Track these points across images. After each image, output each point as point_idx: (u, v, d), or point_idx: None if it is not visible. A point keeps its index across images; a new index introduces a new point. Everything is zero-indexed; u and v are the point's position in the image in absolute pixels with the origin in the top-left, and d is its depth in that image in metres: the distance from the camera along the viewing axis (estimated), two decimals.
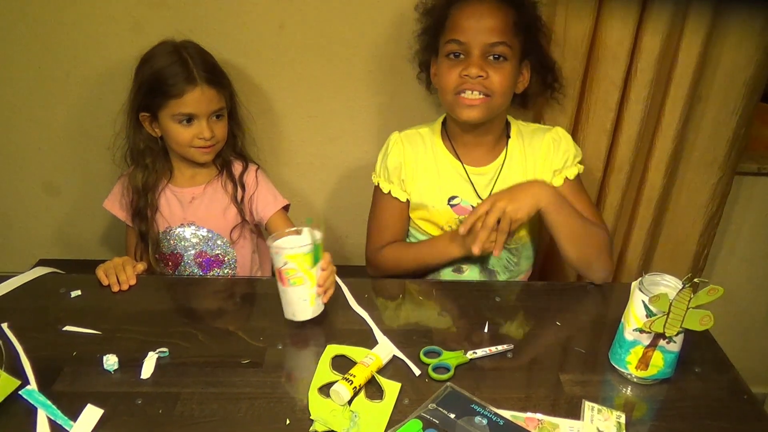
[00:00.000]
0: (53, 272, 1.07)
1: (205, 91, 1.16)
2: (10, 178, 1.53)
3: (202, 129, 1.18)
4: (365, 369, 0.84)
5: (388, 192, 1.21)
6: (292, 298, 0.94)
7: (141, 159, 1.23)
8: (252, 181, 1.30)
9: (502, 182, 1.18)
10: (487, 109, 1.10)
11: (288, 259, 0.91)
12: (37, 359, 0.86)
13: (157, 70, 1.16)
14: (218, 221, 1.28)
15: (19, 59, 1.38)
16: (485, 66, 1.07)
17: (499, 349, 0.92)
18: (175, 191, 1.27)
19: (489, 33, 1.07)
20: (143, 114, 1.20)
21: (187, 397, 0.82)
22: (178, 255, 1.28)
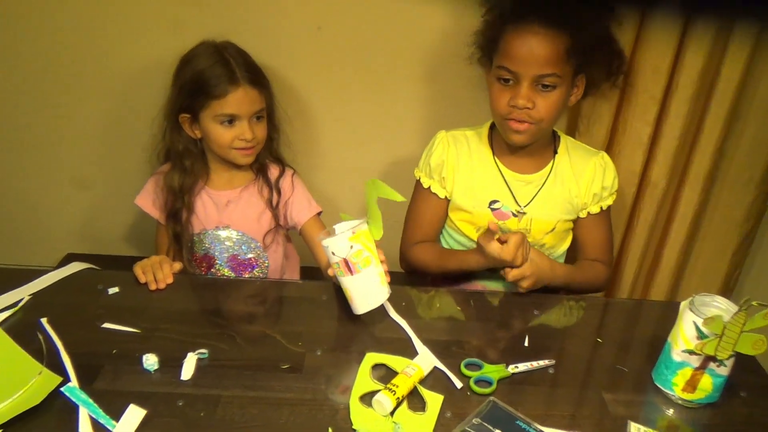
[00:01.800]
0: (90, 268, 1.07)
1: (248, 91, 1.16)
2: (41, 172, 1.53)
3: (244, 130, 1.17)
4: (408, 379, 0.83)
5: (428, 187, 1.22)
6: (364, 283, 0.93)
7: (179, 160, 1.22)
8: (288, 185, 1.29)
9: (545, 194, 1.18)
10: (533, 134, 1.11)
11: (352, 241, 0.91)
12: (77, 356, 0.86)
13: (199, 71, 1.15)
14: (252, 225, 1.27)
15: (57, 54, 1.38)
16: (533, 96, 1.07)
17: (540, 364, 0.91)
18: (212, 194, 1.26)
19: (539, 65, 1.04)
20: (183, 115, 1.19)
21: (227, 400, 0.81)
22: (212, 257, 1.27)
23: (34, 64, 1.39)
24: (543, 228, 1.19)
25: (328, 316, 1.00)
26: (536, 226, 1.19)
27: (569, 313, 1.07)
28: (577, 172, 1.19)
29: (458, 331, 0.98)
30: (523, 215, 1.18)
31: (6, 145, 1.49)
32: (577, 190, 1.19)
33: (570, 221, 1.22)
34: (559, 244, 1.24)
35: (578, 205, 1.20)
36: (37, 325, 0.91)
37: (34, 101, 1.44)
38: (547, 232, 1.20)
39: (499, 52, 1.09)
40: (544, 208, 1.18)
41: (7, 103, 1.43)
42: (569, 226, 1.24)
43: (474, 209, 1.19)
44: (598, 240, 1.24)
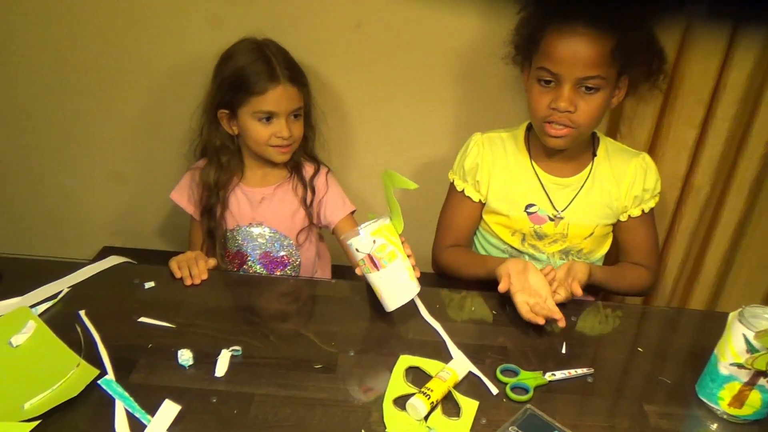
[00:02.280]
0: (127, 262, 1.08)
1: (287, 89, 1.15)
2: (80, 166, 1.56)
3: (281, 128, 1.17)
4: (442, 384, 0.81)
5: (462, 190, 1.20)
6: (392, 278, 0.92)
7: (216, 156, 1.23)
8: (322, 184, 1.28)
9: (583, 199, 1.15)
10: (572, 139, 1.08)
11: (375, 235, 0.90)
12: (113, 349, 0.87)
13: (239, 68, 1.15)
14: (286, 223, 1.27)
15: (97, 52, 1.40)
16: (575, 98, 1.03)
17: (578, 373, 0.88)
18: (246, 190, 1.26)
19: (583, 67, 1.01)
20: (222, 111, 1.19)
21: (261, 399, 0.81)
22: (244, 254, 1.27)
23: (75, 61, 1.41)
24: (581, 233, 1.17)
25: (360, 316, 0.99)
26: (573, 231, 1.16)
27: (607, 321, 1.04)
28: (617, 175, 1.16)
29: (493, 335, 0.96)
30: (560, 220, 1.16)
31: (47, 141, 1.52)
32: (617, 193, 1.16)
33: (609, 225, 1.19)
34: (597, 249, 1.20)
35: (618, 209, 1.17)
36: (76, 318, 0.92)
37: (75, 98, 1.46)
38: (585, 237, 1.17)
39: (539, 53, 1.05)
40: (582, 213, 1.15)
41: (50, 99, 1.46)
42: (608, 231, 1.20)
43: (510, 213, 1.17)
44: (641, 244, 1.21)
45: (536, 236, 1.17)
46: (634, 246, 1.21)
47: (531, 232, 1.17)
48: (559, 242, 1.17)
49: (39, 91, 1.45)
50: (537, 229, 1.16)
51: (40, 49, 1.40)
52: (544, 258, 1.20)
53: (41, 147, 1.53)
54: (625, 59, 1.05)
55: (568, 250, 1.18)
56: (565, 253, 1.19)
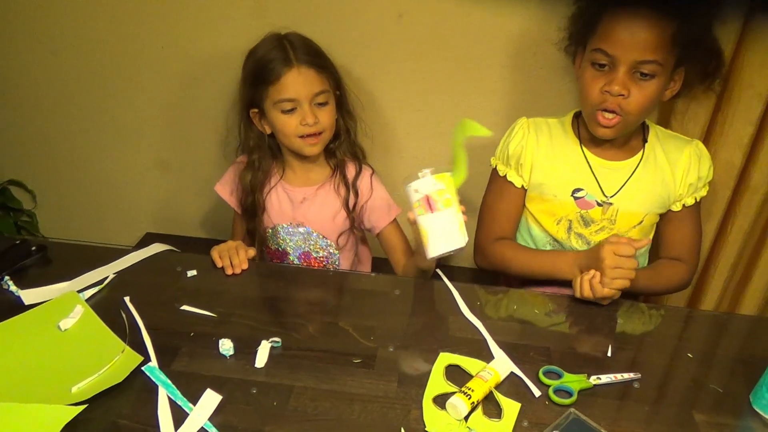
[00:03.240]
0: (170, 250, 1.09)
1: (302, 71, 1.11)
2: (125, 154, 1.59)
3: (305, 114, 1.12)
4: (484, 384, 0.80)
5: (504, 176, 1.17)
6: (444, 222, 0.91)
7: (250, 156, 1.21)
8: (366, 187, 1.25)
9: (635, 183, 1.12)
10: (622, 128, 1.05)
11: (437, 179, 0.91)
12: (156, 336, 0.88)
13: (257, 59, 1.14)
14: (327, 224, 1.25)
15: (143, 40, 1.42)
16: (629, 83, 1.00)
17: (624, 377, 0.85)
18: (288, 189, 1.24)
19: (641, 50, 0.97)
20: (253, 110, 1.17)
21: (300, 391, 0.81)
22: (283, 253, 1.26)
23: (120, 50, 1.43)
24: (630, 221, 1.13)
25: (400, 311, 0.98)
26: (622, 219, 1.12)
27: (655, 324, 1.01)
28: (672, 161, 1.12)
29: (536, 335, 0.94)
30: (609, 206, 1.12)
31: (94, 129, 1.55)
32: (672, 180, 1.12)
33: (658, 215, 1.15)
34: (644, 239, 1.16)
35: (672, 197, 1.13)
36: (121, 303, 0.94)
37: (120, 86, 1.49)
38: (634, 226, 1.13)
39: (596, 35, 1.02)
40: (634, 199, 1.11)
41: (97, 87, 1.49)
42: (656, 221, 1.16)
43: (555, 197, 1.13)
44: (685, 237, 1.16)
45: (582, 222, 1.13)
46: (677, 239, 1.16)
47: (577, 217, 1.13)
48: (606, 230, 1.13)
49: (86, 79, 1.48)
50: (584, 215, 1.13)
51: (87, 38, 1.43)
52: None
53: (88, 134, 1.56)
54: (684, 48, 1.01)
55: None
56: None
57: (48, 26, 1.42)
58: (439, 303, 0.99)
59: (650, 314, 1.02)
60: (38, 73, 1.49)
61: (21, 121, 1.55)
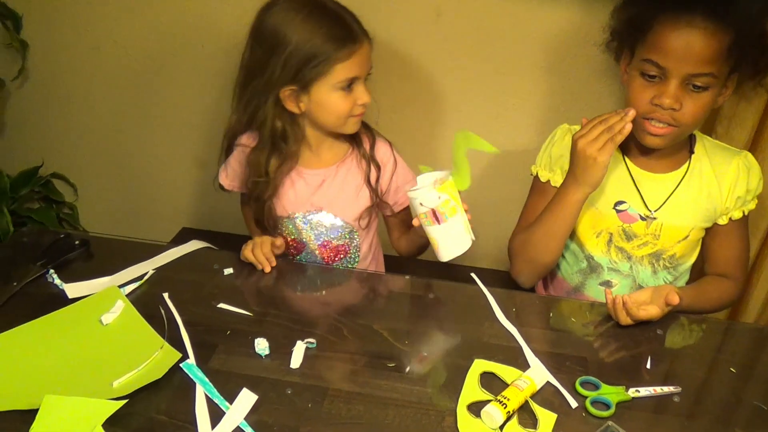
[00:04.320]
0: (207, 247, 1.11)
1: (366, 46, 1.02)
2: (164, 150, 1.62)
3: (362, 92, 1.04)
4: (519, 393, 0.79)
5: (547, 181, 1.13)
6: (451, 231, 0.95)
7: (270, 141, 1.08)
8: (387, 157, 1.16)
9: (680, 197, 1.08)
10: (672, 138, 1.01)
11: (441, 191, 0.93)
12: (194, 333, 0.89)
13: (309, 36, 0.98)
14: (349, 205, 1.16)
15: (184, 37, 1.44)
16: (681, 96, 0.95)
17: (664, 391, 0.83)
18: (304, 173, 1.14)
19: (695, 63, 0.93)
20: (288, 88, 1.03)
21: (334, 393, 0.81)
22: (301, 243, 1.19)
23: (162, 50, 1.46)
24: (675, 235, 1.09)
25: (434, 315, 0.98)
26: (667, 233, 1.09)
27: (696, 336, 0.98)
28: (719, 174, 1.08)
29: (573, 344, 0.92)
30: (652, 220, 1.08)
31: (134, 124, 1.58)
32: (718, 194, 1.08)
33: (704, 229, 1.11)
34: (688, 255, 1.13)
35: (719, 210, 1.09)
36: (159, 299, 0.96)
37: (161, 83, 1.51)
38: (679, 240, 1.09)
39: (646, 44, 0.97)
40: (679, 213, 1.08)
41: (138, 84, 1.52)
42: (702, 235, 1.12)
43: (596, 209, 1.10)
44: (732, 252, 1.12)
45: (624, 236, 1.10)
46: (724, 254, 1.12)
47: (619, 231, 1.10)
48: (650, 245, 1.10)
49: (128, 75, 1.51)
50: (626, 228, 1.10)
51: (129, 35, 1.46)
52: (626, 269, 1.13)
53: (128, 130, 1.60)
54: (740, 57, 0.96)
55: (659, 254, 1.10)
56: (655, 258, 1.11)
57: (91, 22, 1.46)
58: (475, 308, 0.98)
59: (690, 326, 0.99)
60: (81, 69, 1.52)
61: (65, 117, 1.59)
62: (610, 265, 1.13)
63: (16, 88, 1.55)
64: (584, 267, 1.15)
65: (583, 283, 1.17)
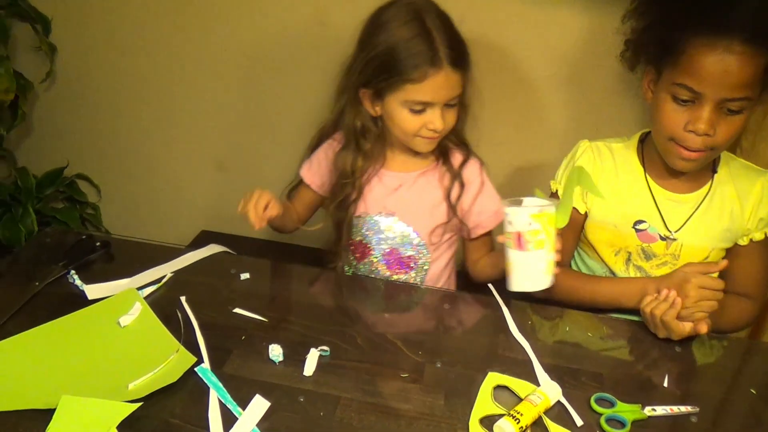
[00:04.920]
0: (225, 251, 1.12)
1: (450, 76, 0.97)
2: (185, 153, 1.64)
3: (435, 119, 1.00)
4: (533, 408, 0.78)
5: None
6: (529, 264, 0.89)
7: (355, 140, 1.07)
8: (475, 177, 1.12)
9: (701, 218, 1.07)
10: (703, 161, 0.99)
11: (534, 218, 0.87)
12: (209, 337, 0.90)
13: (392, 45, 0.96)
14: (423, 218, 1.12)
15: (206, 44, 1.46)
16: (715, 121, 0.93)
17: (681, 410, 0.82)
18: (382, 174, 1.11)
19: (732, 88, 0.90)
20: (365, 90, 1.03)
21: (346, 403, 0.81)
22: (367, 247, 1.14)
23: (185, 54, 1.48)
24: (695, 256, 1.08)
25: (449, 326, 0.98)
26: (687, 254, 1.07)
27: (715, 355, 0.96)
28: (741, 195, 1.06)
29: (589, 359, 0.91)
30: (672, 241, 1.07)
31: (157, 128, 1.61)
32: (740, 215, 1.06)
33: (725, 250, 1.09)
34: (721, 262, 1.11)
35: (740, 231, 1.07)
36: (177, 303, 0.97)
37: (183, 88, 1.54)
38: (699, 261, 1.08)
39: (679, 67, 0.93)
40: (699, 234, 1.06)
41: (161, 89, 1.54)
42: (722, 255, 1.11)
43: (615, 227, 1.09)
44: (753, 273, 1.10)
45: (643, 255, 1.09)
46: (744, 275, 1.10)
47: (638, 250, 1.09)
48: (669, 264, 1.09)
49: (151, 80, 1.54)
50: (645, 248, 1.09)
51: (154, 41, 1.49)
52: None
53: (152, 133, 1.62)
54: None
55: None
56: None
57: (117, 27, 1.49)
58: (490, 320, 0.98)
59: (710, 344, 0.98)
60: (107, 72, 1.55)
61: (90, 119, 1.63)
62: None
63: (44, 91, 1.58)
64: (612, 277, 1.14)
65: None
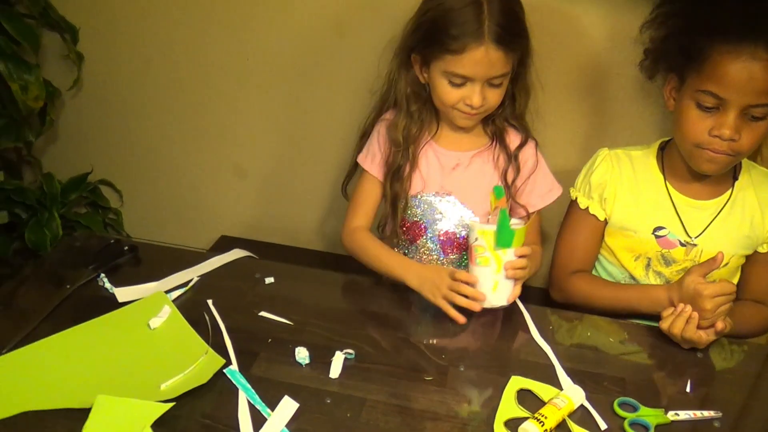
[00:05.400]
0: (249, 256, 1.14)
1: (491, 52, 0.96)
2: (206, 159, 1.66)
3: (473, 94, 0.99)
4: (557, 411, 0.79)
5: (586, 208, 1.13)
6: (478, 278, 0.96)
7: (405, 105, 1.07)
8: (530, 157, 1.12)
9: (721, 224, 1.08)
10: (729, 165, 1.01)
11: (479, 234, 0.93)
12: (237, 340, 0.92)
13: (442, 12, 0.97)
14: (481, 198, 1.08)
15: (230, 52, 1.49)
16: (740, 126, 0.94)
17: (704, 415, 0.83)
18: (439, 151, 1.11)
19: (757, 94, 0.92)
20: (415, 55, 1.04)
21: (372, 404, 0.82)
22: (422, 226, 1.12)
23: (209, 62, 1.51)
24: None
25: (472, 330, 0.99)
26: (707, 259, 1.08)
27: (736, 360, 0.97)
28: (762, 201, 1.07)
29: (611, 364, 0.92)
30: (692, 247, 1.08)
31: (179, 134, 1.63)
32: (761, 221, 1.07)
33: (744, 257, 1.10)
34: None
35: (760, 238, 1.08)
36: (203, 306, 0.99)
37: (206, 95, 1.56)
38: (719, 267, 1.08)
39: (703, 74, 0.95)
40: (719, 240, 1.07)
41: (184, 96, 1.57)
42: (742, 262, 1.11)
43: (635, 234, 1.10)
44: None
45: (663, 261, 1.10)
46: (763, 282, 1.11)
47: (657, 256, 1.10)
48: None
49: (175, 87, 1.56)
50: (665, 254, 1.09)
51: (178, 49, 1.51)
52: None
53: (174, 140, 1.65)
54: None
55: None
56: None
57: (143, 36, 1.51)
58: (513, 324, 0.99)
59: (732, 350, 0.98)
60: (132, 80, 1.58)
61: (114, 126, 1.66)
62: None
63: (71, 98, 1.62)
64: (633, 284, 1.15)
65: None
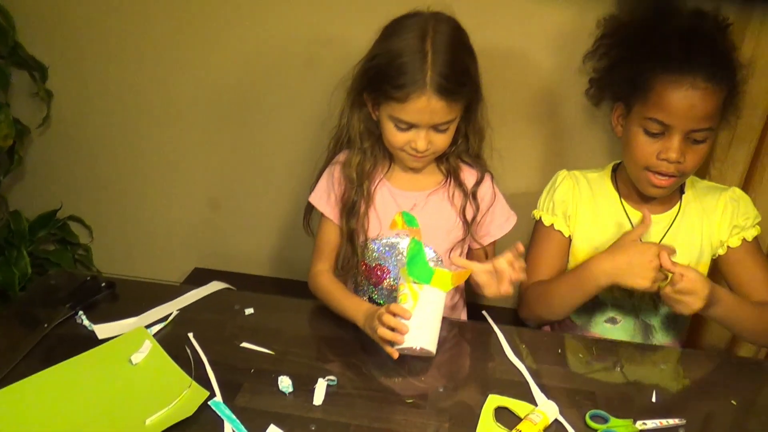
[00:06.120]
0: (227, 288, 1.15)
1: (433, 102, 0.97)
2: (177, 192, 1.67)
3: (418, 139, 1.01)
4: (533, 426, 0.83)
5: (551, 225, 1.18)
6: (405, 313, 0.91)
7: (359, 141, 1.09)
8: (488, 193, 1.14)
9: (674, 235, 1.15)
10: (674, 186, 1.09)
11: (401, 272, 0.93)
12: (219, 371, 0.93)
13: (389, 59, 0.98)
14: (440, 236, 1.11)
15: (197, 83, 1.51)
16: (684, 149, 1.03)
17: (670, 423, 0.87)
18: (395, 192, 1.12)
19: (698, 120, 1.00)
20: (367, 95, 1.05)
21: (356, 429, 0.85)
22: (385, 269, 1.14)
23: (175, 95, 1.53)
24: None
25: (449, 351, 1.02)
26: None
27: (699, 370, 1.03)
28: (707, 209, 1.15)
29: (582, 379, 0.97)
30: None
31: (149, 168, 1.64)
32: (709, 229, 1.15)
33: (705, 265, 1.17)
34: None
35: (714, 244, 1.15)
36: (185, 340, 1.00)
37: (175, 129, 1.58)
38: None
39: (649, 102, 1.03)
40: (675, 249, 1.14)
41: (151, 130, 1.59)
42: (705, 270, 1.17)
43: (597, 249, 1.16)
44: (754, 274, 1.13)
45: None
46: (747, 279, 1.14)
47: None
48: None
49: (142, 121, 1.58)
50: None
51: (149, 87, 1.53)
52: (629, 305, 1.18)
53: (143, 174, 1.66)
54: (730, 108, 1.06)
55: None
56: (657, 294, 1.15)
57: (112, 75, 1.53)
58: (487, 344, 1.03)
59: (692, 359, 1.04)
60: (101, 117, 1.59)
61: (83, 162, 1.65)
62: (613, 302, 1.19)
63: (39, 135, 1.61)
64: (588, 306, 1.20)
65: (588, 321, 1.22)
